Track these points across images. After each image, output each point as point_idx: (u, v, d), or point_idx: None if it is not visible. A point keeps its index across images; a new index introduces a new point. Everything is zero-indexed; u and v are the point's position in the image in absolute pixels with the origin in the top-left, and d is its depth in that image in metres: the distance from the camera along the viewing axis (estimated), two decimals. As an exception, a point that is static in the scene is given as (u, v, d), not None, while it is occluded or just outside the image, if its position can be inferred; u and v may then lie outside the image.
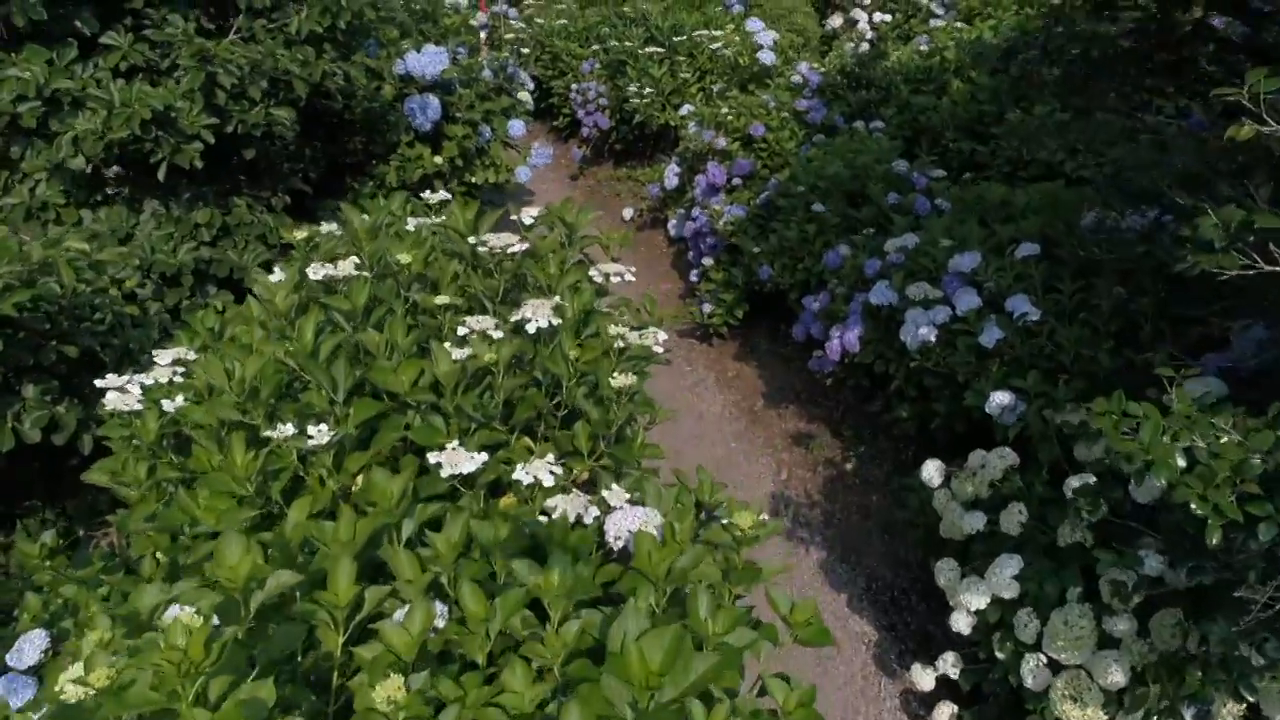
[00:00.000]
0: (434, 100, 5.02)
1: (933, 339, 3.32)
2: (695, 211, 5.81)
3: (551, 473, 1.72)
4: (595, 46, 8.09)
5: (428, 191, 3.98)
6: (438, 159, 5.11)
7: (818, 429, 4.63)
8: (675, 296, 6.16)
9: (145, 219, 4.04)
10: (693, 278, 5.71)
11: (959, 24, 5.98)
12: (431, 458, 1.74)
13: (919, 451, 4.12)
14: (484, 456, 1.75)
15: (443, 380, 2.01)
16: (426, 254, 2.49)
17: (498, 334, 2.12)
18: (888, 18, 6.81)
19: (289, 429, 1.79)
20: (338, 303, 2.21)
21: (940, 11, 6.56)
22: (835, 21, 6.91)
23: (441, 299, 2.30)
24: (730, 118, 5.74)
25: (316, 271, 2.27)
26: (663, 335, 2.37)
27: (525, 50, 8.65)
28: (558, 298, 2.27)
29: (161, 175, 3.65)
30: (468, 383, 2.01)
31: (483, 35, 11.49)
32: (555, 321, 2.15)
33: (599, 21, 8.33)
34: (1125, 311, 3.05)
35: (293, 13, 3.95)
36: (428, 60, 5.06)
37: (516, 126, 5.36)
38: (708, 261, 5.48)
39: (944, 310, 3.34)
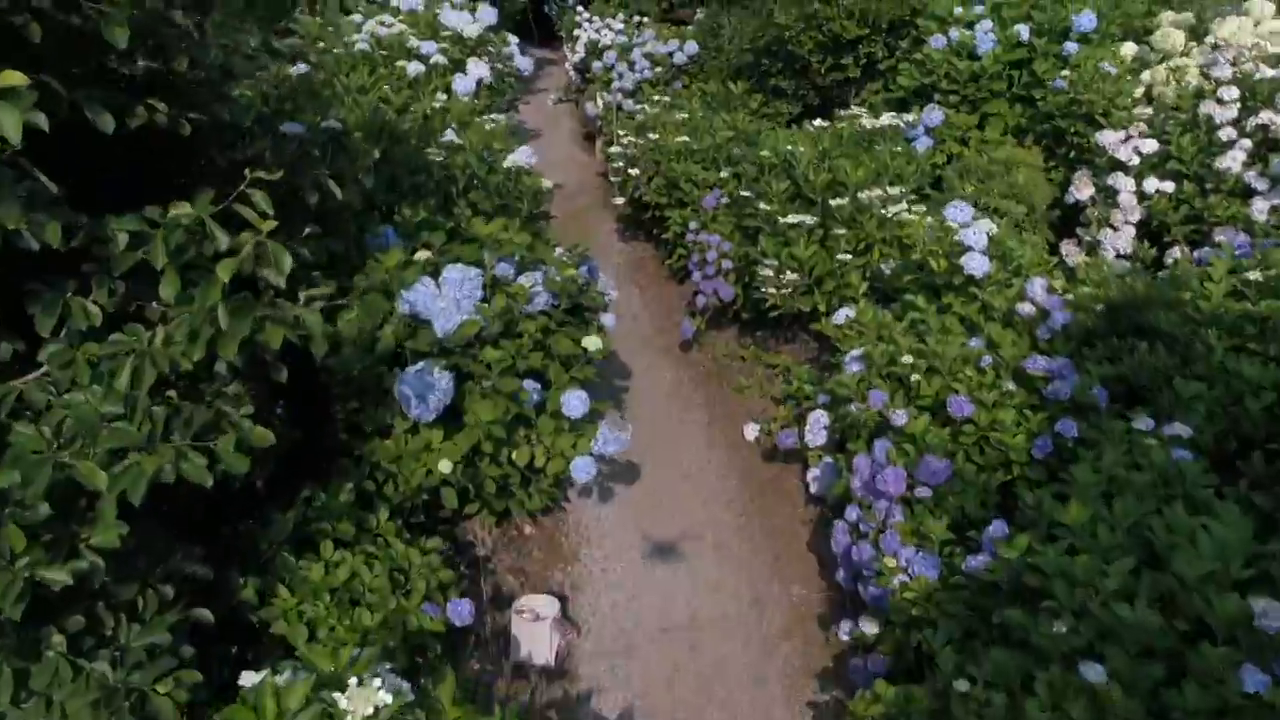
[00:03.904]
0: (442, 381, 3.18)
1: None
2: (852, 511, 3.74)
3: None
4: (724, 173, 6.10)
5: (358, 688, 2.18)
6: (444, 465, 3.27)
7: None
8: (810, 615, 4.09)
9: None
10: (842, 632, 3.63)
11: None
12: None
13: None
14: None
15: None
16: None
17: None
18: (1168, 187, 4.46)
19: None
20: None
21: (1262, 186, 4.17)
22: (1082, 191, 4.62)
23: None
24: (916, 377, 3.64)
25: None
26: None
27: (634, 170, 6.76)
28: None
29: None
30: None
31: (598, 124, 9.71)
32: None
33: (729, 138, 6.33)
34: None
35: (133, 342, 2.16)
36: (444, 304, 3.23)
37: (576, 403, 3.44)
38: (869, 627, 3.40)
39: None
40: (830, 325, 4.45)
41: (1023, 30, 5.25)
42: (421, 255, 3.64)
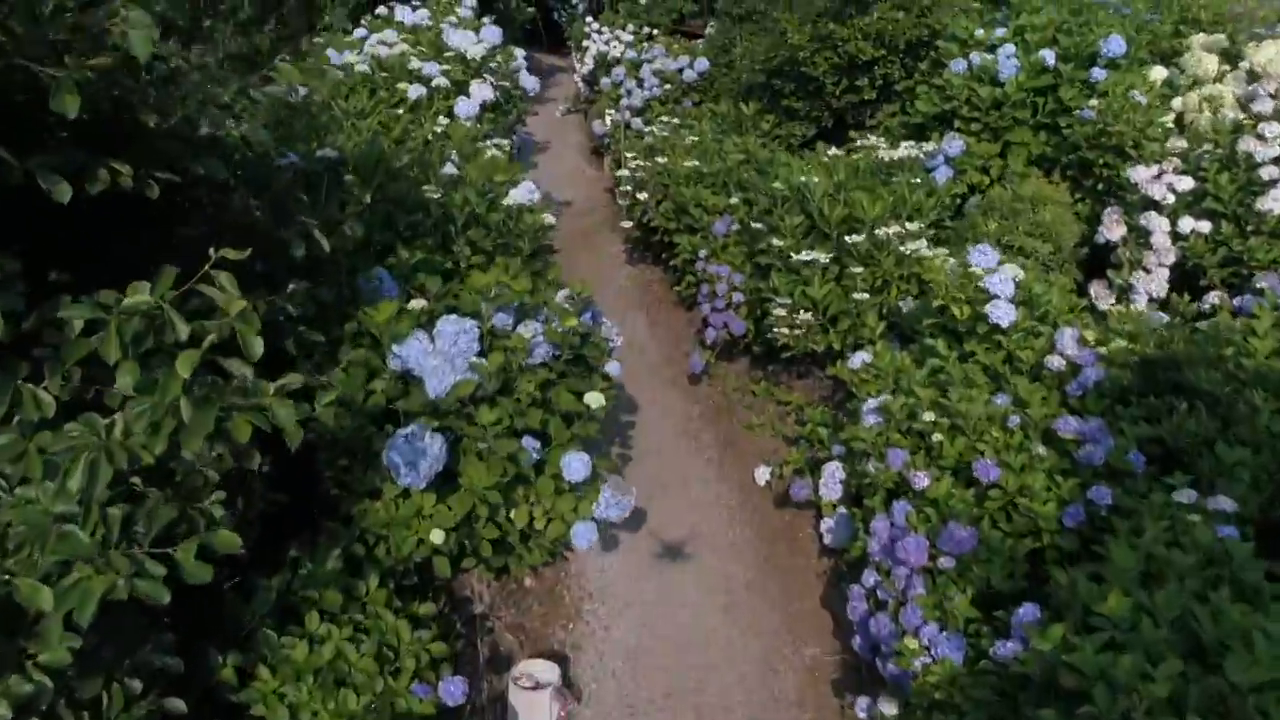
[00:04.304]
0: (434, 447, 2.99)
1: None
2: (869, 577, 3.54)
3: None
4: (734, 199, 5.90)
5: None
6: (436, 536, 3.08)
7: None
8: (824, 679, 3.88)
9: None
10: (859, 708, 3.42)
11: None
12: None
13: None
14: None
15: None
16: None
17: None
18: (1205, 227, 4.22)
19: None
20: None
21: (1305, 227, 3.94)
22: (1113, 232, 4.36)
23: None
24: (939, 436, 3.43)
25: None
26: None
27: (642, 195, 6.56)
28: None
29: None
30: None
31: (606, 141, 9.50)
32: None
33: (740, 161, 6.13)
34: None
35: (89, 434, 1.97)
36: (437, 362, 3.04)
37: (578, 466, 3.23)
38: (888, 708, 3.20)
39: None
40: (846, 370, 4.24)
41: (1048, 56, 5.02)
42: (416, 304, 3.45)
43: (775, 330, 4.70)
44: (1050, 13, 5.37)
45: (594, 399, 3.36)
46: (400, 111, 5.66)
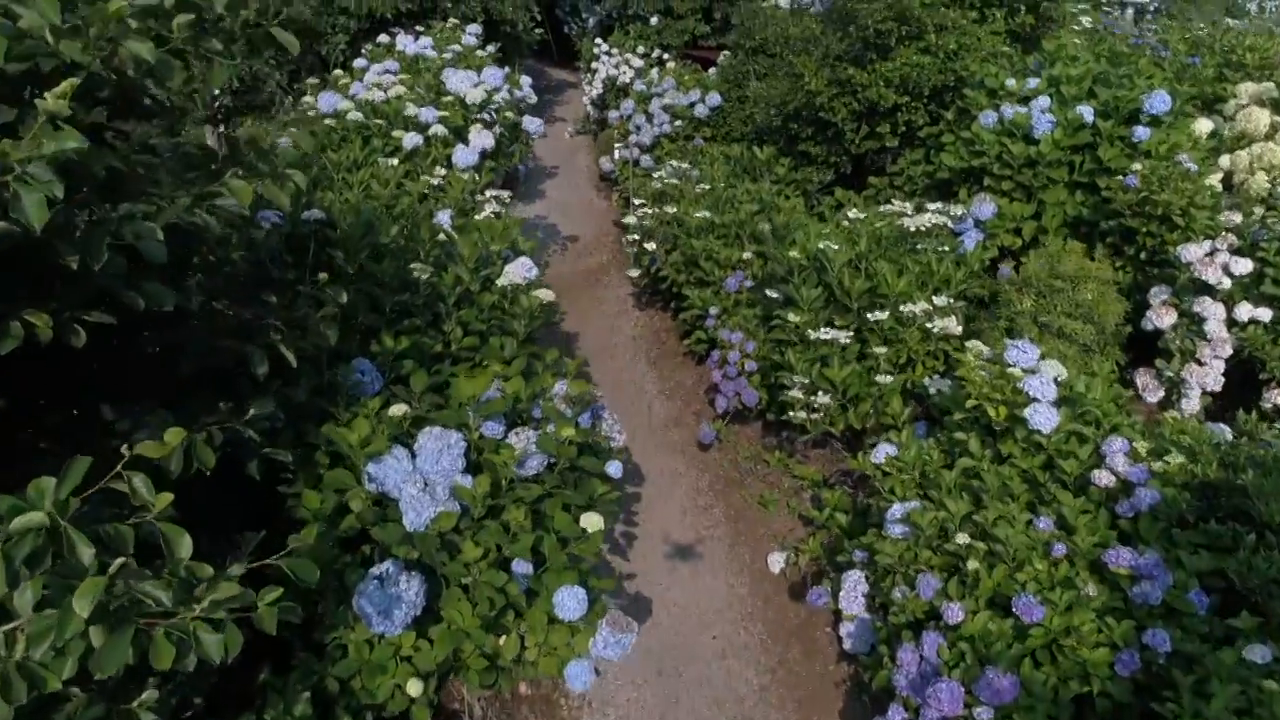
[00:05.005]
0: (409, 591, 2.67)
1: None
2: (896, 714, 3.20)
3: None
4: (748, 253, 5.58)
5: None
6: (414, 688, 2.76)
7: None
8: (846, 812, 3.55)
9: None
10: None
11: None
12: None
13: None
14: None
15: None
16: None
17: None
18: (1265, 315, 3.82)
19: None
20: None
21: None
22: (1163, 318, 3.97)
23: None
24: (974, 564, 3.09)
25: None
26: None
27: (651, 245, 6.23)
28: None
29: None
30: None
31: (614, 175, 9.17)
32: None
33: (754, 212, 5.80)
34: None
35: None
36: (415, 491, 2.72)
37: (572, 605, 2.89)
38: None
39: None
40: (870, 464, 3.90)
41: (1086, 111, 4.66)
42: (397, 410, 3.13)
43: (791, 412, 4.36)
44: (1088, 62, 5.00)
45: (591, 521, 3.03)
46: (395, 161, 5.35)
